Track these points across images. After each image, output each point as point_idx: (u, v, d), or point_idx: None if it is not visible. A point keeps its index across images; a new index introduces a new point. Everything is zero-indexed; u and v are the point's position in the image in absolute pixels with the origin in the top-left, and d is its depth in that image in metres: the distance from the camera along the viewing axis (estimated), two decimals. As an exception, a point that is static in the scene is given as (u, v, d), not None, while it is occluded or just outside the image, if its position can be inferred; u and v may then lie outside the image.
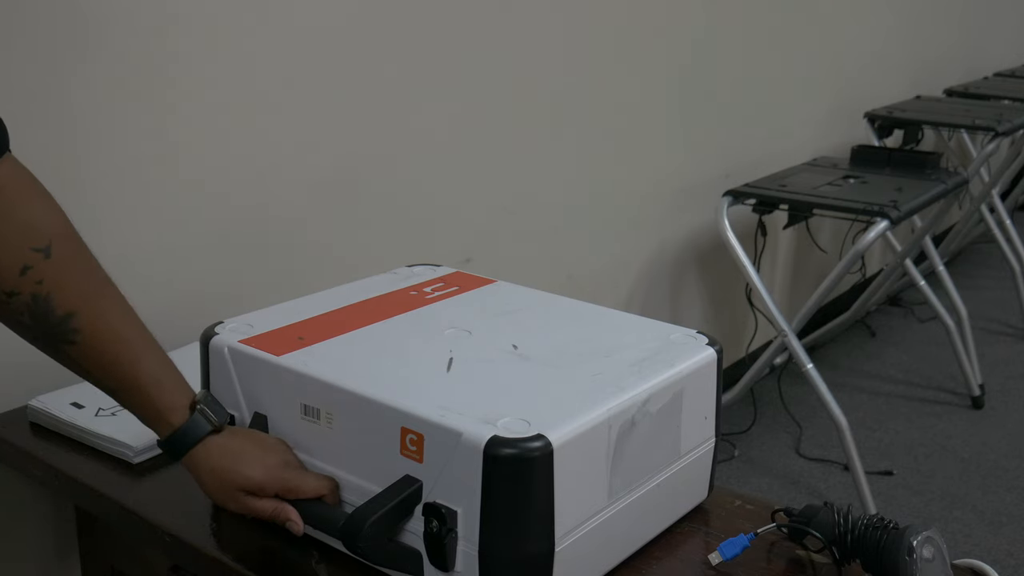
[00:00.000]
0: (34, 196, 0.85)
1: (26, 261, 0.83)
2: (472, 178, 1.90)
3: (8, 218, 0.82)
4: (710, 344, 0.97)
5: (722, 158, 2.64)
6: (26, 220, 0.84)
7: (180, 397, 0.91)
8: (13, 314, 0.85)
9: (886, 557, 0.85)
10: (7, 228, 0.82)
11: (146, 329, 0.92)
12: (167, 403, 0.90)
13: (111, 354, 0.88)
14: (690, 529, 0.97)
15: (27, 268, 0.83)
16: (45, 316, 0.85)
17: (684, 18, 2.38)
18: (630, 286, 2.44)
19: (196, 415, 0.91)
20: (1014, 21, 4.62)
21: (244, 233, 1.50)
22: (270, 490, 0.89)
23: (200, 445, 0.91)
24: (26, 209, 0.84)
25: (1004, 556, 2.20)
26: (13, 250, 0.82)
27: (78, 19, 1.24)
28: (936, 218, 2.89)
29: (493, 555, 0.79)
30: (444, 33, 1.76)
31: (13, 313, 0.85)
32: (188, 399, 0.92)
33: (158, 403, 0.90)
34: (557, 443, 0.77)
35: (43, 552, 1.33)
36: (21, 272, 0.83)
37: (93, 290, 0.88)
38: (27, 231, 0.83)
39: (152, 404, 0.90)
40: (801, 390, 2.65)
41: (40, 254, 0.83)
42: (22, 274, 0.83)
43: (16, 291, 0.83)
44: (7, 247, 0.82)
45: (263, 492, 0.89)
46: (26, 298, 0.83)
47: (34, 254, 0.83)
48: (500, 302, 1.09)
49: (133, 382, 0.90)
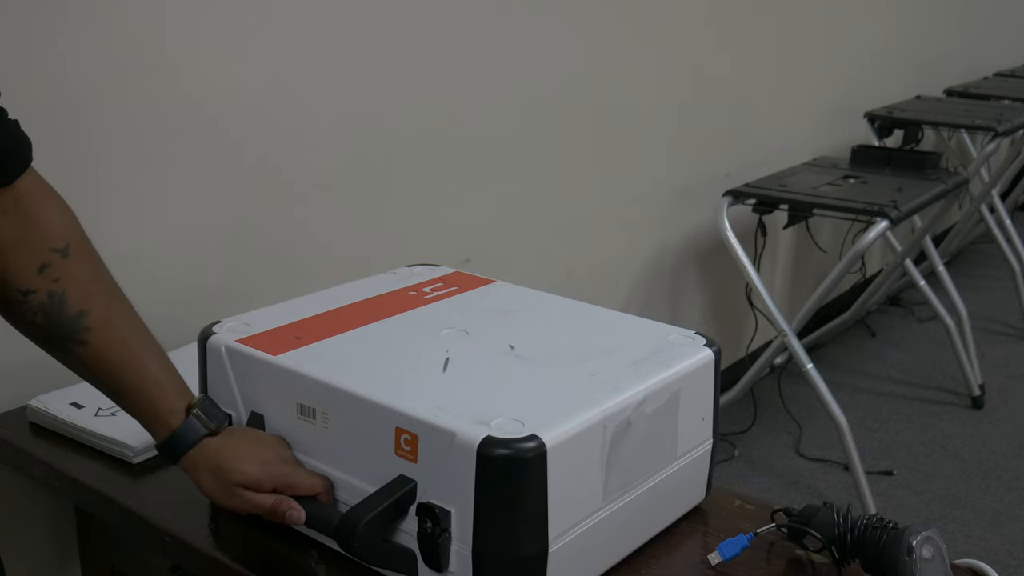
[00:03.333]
0: (54, 203, 0.90)
1: (44, 260, 0.87)
2: (472, 178, 1.90)
3: (31, 222, 0.87)
4: (708, 345, 0.97)
5: (722, 158, 2.64)
6: (46, 224, 0.88)
7: (179, 401, 0.92)
8: (27, 314, 0.88)
9: (886, 557, 0.85)
10: (30, 230, 0.87)
11: (150, 332, 0.93)
12: (167, 407, 0.91)
13: (117, 355, 0.90)
14: (689, 529, 0.97)
15: (45, 267, 0.87)
16: (59, 314, 0.87)
17: (685, 18, 2.38)
18: (630, 286, 2.45)
19: (191, 419, 0.92)
20: (1014, 21, 4.62)
21: (244, 233, 1.50)
22: (267, 485, 0.90)
23: (196, 447, 0.91)
24: (47, 214, 0.88)
25: (1004, 556, 2.19)
26: (34, 250, 0.87)
27: (85, 20, 1.24)
28: (936, 218, 2.89)
29: (487, 555, 0.79)
30: (444, 33, 1.76)
31: (27, 313, 0.87)
32: (186, 403, 0.92)
33: (159, 406, 0.91)
34: (551, 443, 0.78)
35: (43, 552, 1.33)
36: (39, 271, 0.87)
37: (103, 291, 0.91)
38: (47, 233, 0.88)
39: (153, 407, 0.91)
40: (801, 390, 2.65)
41: (58, 254, 0.87)
42: (40, 272, 0.87)
43: (33, 289, 0.86)
44: (29, 248, 0.86)
45: (260, 488, 0.90)
46: (42, 296, 0.87)
47: (52, 254, 0.87)
48: (498, 302, 1.09)
49: (136, 385, 0.91)
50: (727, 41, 2.58)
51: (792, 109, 2.96)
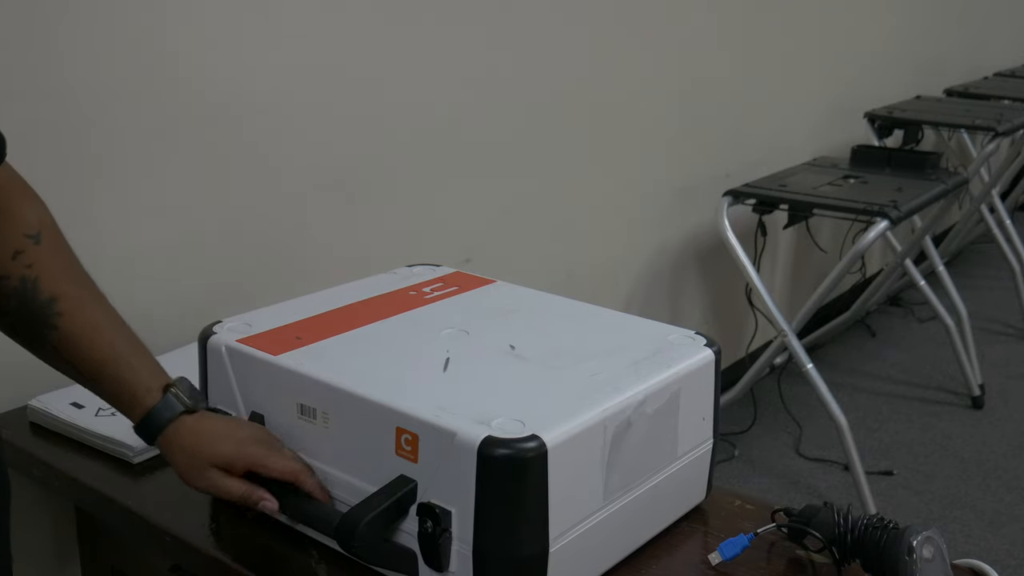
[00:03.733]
0: (27, 193, 0.91)
1: (18, 246, 0.88)
2: (472, 178, 1.90)
3: (4, 212, 0.88)
4: (708, 345, 0.97)
5: (722, 158, 2.64)
6: (20, 213, 0.89)
7: (155, 380, 0.92)
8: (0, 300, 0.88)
9: (886, 557, 0.85)
10: (3, 220, 0.88)
11: (122, 319, 0.94)
12: (143, 386, 0.92)
13: (89, 340, 0.90)
14: (690, 529, 0.97)
15: (18, 253, 0.88)
16: (32, 299, 0.88)
17: (685, 18, 2.38)
18: (630, 286, 2.45)
19: (168, 396, 0.92)
20: (1014, 21, 4.62)
21: (245, 233, 1.50)
22: (239, 465, 0.90)
23: (172, 425, 0.91)
24: (20, 205, 0.90)
25: (1004, 556, 2.20)
26: (7, 238, 0.88)
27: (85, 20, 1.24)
28: (936, 218, 2.89)
29: (487, 555, 0.79)
30: (444, 33, 1.76)
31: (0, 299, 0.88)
32: (163, 383, 0.93)
33: (135, 387, 0.91)
34: (551, 443, 0.78)
35: (43, 552, 1.33)
36: (13, 257, 0.88)
37: (75, 277, 0.92)
38: (21, 221, 0.89)
39: (128, 388, 0.91)
40: (801, 390, 2.65)
41: (31, 240, 0.89)
42: (13, 259, 0.88)
43: (6, 275, 0.88)
44: (2, 235, 0.87)
45: (233, 468, 0.90)
46: (15, 282, 0.88)
47: (25, 240, 0.88)
48: (499, 302, 1.09)
49: (111, 368, 0.91)
50: (727, 41, 2.58)
51: (792, 109, 2.96)
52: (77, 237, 0.93)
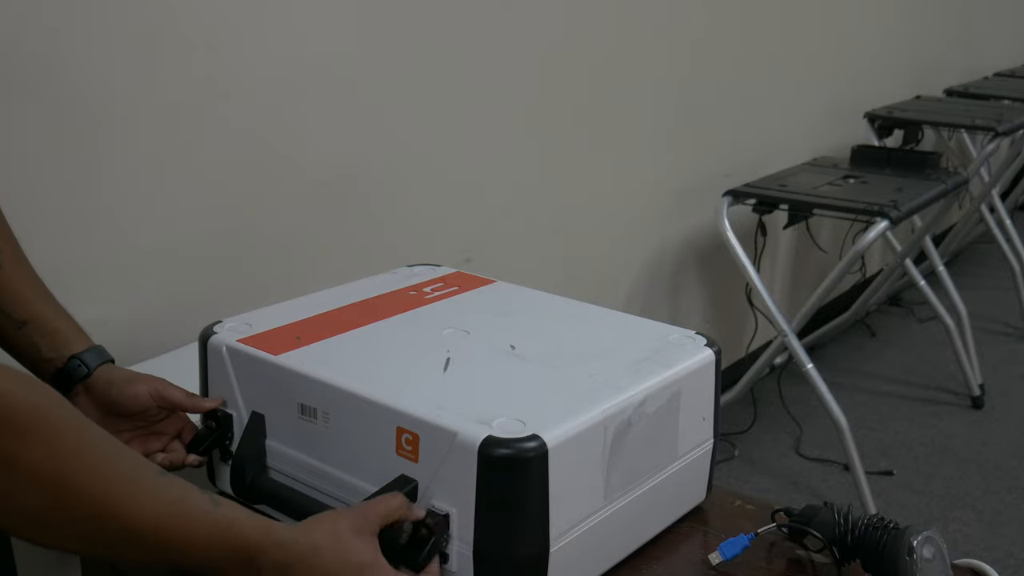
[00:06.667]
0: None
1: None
2: (472, 178, 1.90)
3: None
4: (708, 345, 0.97)
5: (722, 158, 2.63)
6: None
7: (82, 335, 0.96)
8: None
9: (886, 557, 0.85)
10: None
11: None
12: (76, 334, 0.96)
13: (27, 288, 0.94)
14: (690, 529, 0.97)
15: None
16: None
17: (684, 18, 2.38)
18: (630, 286, 2.45)
19: (99, 346, 0.96)
20: (1014, 21, 4.62)
21: (245, 233, 1.50)
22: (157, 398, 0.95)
23: (100, 369, 0.95)
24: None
25: (1004, 556, 2.20)
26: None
27: (84, 20, 1.24)
28: (936, 218, 2.89)
29: (488, 555, 0.79)
30: (444, 33, 1.76)
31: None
32: (86, 343, 0.96)
33: (68, 333, 0.95)
34: (552, 443, 0.78)
35: (43, 552, 1.33)
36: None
37: (14, 248, 0.96)
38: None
39: (63, 334, 0.95)
40: (801, 390, 2.65)
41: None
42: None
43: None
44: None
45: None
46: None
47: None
48: (499, 302, 1.09)
49: (52, 312, 0.95)
50: (727, 41, 2.57)
51: (792, 109, 2.96)
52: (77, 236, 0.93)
